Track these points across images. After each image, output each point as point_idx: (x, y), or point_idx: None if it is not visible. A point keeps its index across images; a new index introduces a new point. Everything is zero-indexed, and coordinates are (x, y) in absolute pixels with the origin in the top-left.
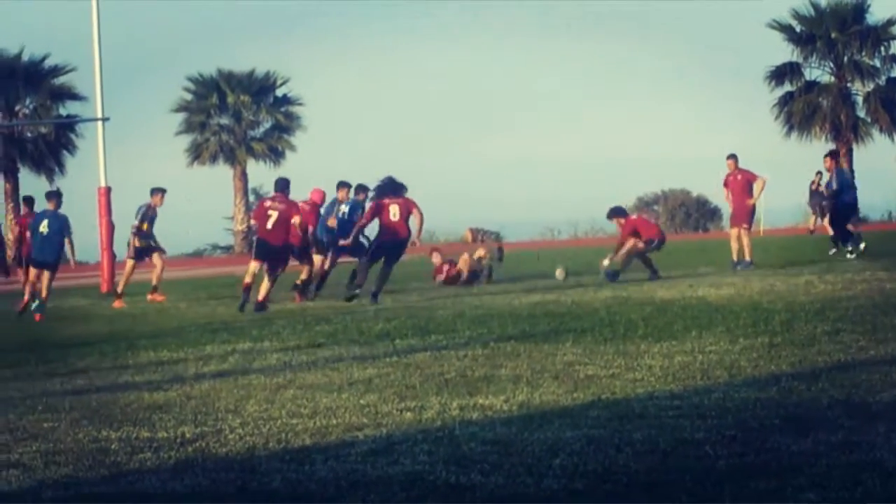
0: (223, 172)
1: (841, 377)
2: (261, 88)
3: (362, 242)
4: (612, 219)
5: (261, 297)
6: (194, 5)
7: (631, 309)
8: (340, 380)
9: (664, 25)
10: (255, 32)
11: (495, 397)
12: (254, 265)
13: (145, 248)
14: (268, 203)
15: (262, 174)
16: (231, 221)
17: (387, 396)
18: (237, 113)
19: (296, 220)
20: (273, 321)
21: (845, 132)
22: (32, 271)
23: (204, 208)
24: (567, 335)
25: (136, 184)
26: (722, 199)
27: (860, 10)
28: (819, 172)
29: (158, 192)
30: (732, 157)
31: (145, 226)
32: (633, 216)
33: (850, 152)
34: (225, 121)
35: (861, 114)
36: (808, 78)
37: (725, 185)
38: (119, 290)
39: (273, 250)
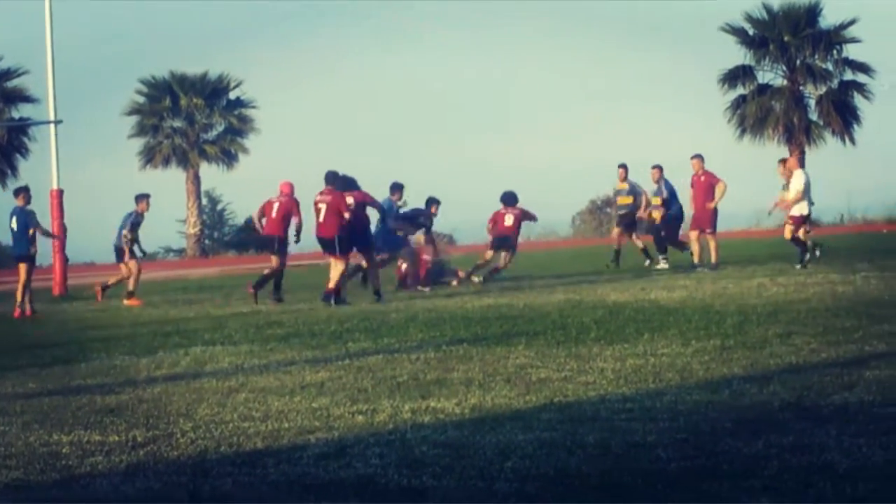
0: (176, 175)
1: (792, 380)
2: (214, 91)
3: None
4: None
5: (331, 285)
6: (147, 8)
7: (583, 312)
8: (292, 383)
9: (619, 30)
10: (208, 35)
11: (447, 400)
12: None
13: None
14: (318, 197)
15: (214, 177)
16: (184, 224)
17: (339, 400)
18: (190, 116)
19: (346, 214)
20: (225, 325)
21: (798, 135)
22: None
23: (157, 211)
24: (519, 338)
25: (89, 187)
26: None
27: (813, 14)
28: None
29: (143, 197)
30: (698, 157)
31: (131, 232)
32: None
33: (802, 155)
34: (178, 124)
35: (813, 117)
36: (760, 81)
37: (692, 185)
38: (131, 289)
39: (327, 242)
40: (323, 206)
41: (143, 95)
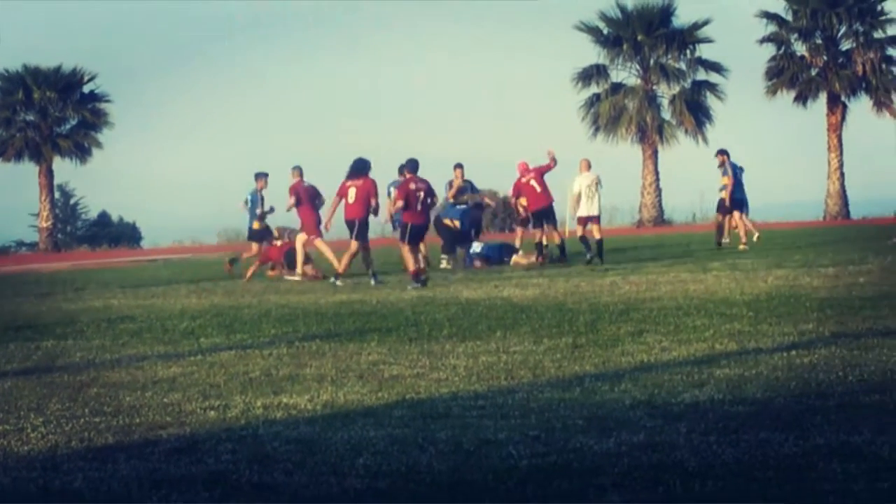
0: (28, 169)
1: (644, 378)
2: (67, 85)
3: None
4: None
5: (412, 269)
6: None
7: (436, 309)
8: (144, 378)
9: (474, 27)
10: (62, 29)
11: (299, 396)
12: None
13: (264, 229)
14: (413, 186)
15: (67, 171)
16: (36, 218)
17: (191, 395)
18: (43, 109)
19: (432, 200)
20: (77, 319)
21: (651, 134)
22: None
23: (9, 205)
24: (372, 334)
25: None
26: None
27: (666, 14)
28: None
29: (262, 176)
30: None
31: (259, 210)
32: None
33: (655, 154)
34: (30, 117)
35: (666, 116)
36: (614, 80)
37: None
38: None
39: (423, 230)
40: (420, 195)
41: None
